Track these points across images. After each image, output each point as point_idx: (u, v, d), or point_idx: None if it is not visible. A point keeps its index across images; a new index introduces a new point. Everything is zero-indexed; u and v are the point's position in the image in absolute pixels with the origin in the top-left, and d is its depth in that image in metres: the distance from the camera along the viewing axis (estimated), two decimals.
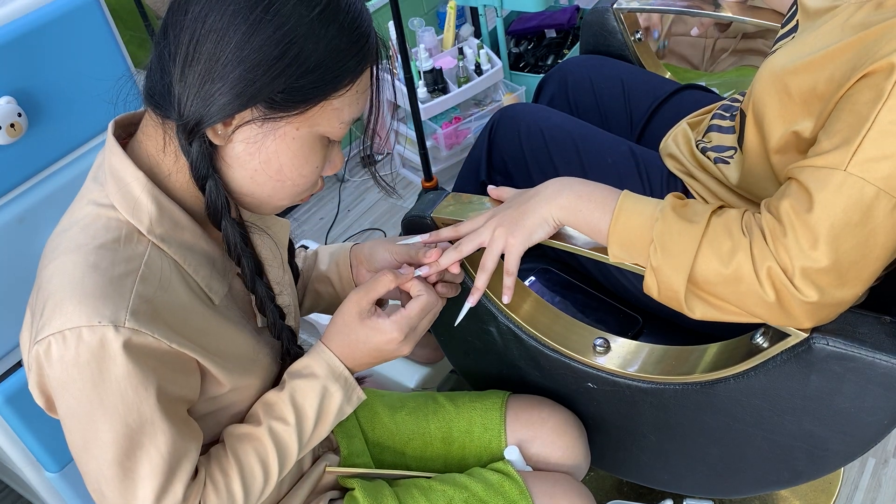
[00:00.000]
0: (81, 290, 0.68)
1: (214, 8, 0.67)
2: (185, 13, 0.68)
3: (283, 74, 0.68)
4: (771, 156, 0.92)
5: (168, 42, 0.69)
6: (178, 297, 0.74)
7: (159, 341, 0.70)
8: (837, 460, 0.92)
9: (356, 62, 0.72)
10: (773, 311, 0.78)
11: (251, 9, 0.67)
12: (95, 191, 0.75)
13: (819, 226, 0.74)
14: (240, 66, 0.67)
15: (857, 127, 0.74)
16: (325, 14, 0.69)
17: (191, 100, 0.69)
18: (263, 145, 0.72)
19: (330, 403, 0.85)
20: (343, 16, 0.70)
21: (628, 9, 1.45)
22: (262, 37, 0.67)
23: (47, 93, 1.14)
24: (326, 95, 0.72)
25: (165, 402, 0.72)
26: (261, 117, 0.71)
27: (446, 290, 0.93)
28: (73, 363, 0.67)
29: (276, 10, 0.67)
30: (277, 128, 0.72)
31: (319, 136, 0.75)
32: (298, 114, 0.71)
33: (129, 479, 0.72)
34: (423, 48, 2.18)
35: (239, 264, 0.79)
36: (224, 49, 0.67)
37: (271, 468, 0.82)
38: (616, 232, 0.85)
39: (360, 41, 0.72)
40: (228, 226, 0.76)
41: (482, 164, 1.33)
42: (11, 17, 1.10)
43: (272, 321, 0.84)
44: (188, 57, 0.68)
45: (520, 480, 0.97)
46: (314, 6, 0.69)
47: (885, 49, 0.74)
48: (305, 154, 0.75)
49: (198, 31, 0.67)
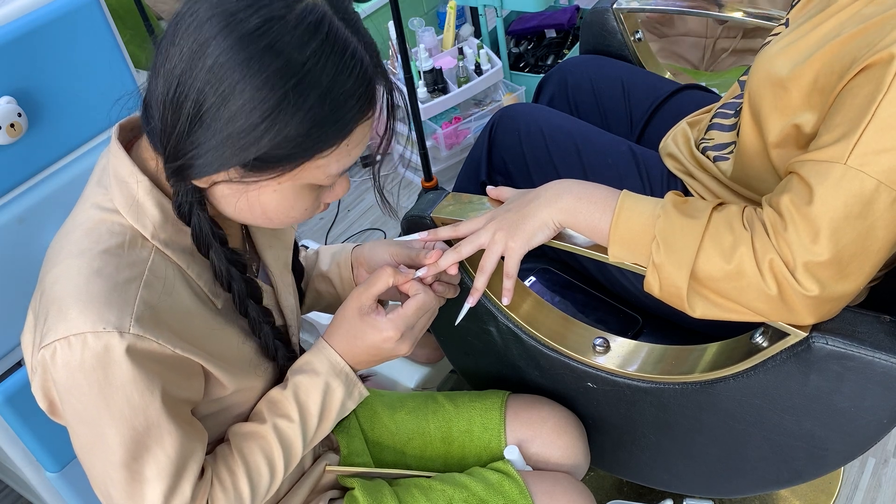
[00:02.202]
0: (86, 295, 0.68)
1: (189, 69, 0.65)
2: (167, 61, 0.66)
3: (256, 145, 0.66)
4: (770, 150, 0.92)
5: (155, 87, 0.68)
6: (181, 301, 0.74)
7: (163, 347, 0.70)
8: (837, 460, 0.92)
9: (342, 125, 0.68)
10: (775, 306, 0.79)
11: (221, 79, 0.64)
12: (100, 195, 0.75)
13: (819, 219, 0.74)
14: (212, 133, 0.65)
15: (857, 120, 0.74)
16: (302, 87, 0.64)
17: (170, 150, 0.68)
18: (246, 194, 0.71)
19: (332, 400, 0.86)
20: (327, 81, 0.65)
21: (628, 9, 1.45)
22: (233, 107, 0.64)
23: (47, 93, 1.14)
24: (307, 159, 0.69)
25: (171, 404, 0.72)
26: (238, 177, 0.69)
27: (444, 290, 0.93)
28: (78, 368, 0.68)
29: (248, 80, 0.64)
30: (257, 185, 0.70)
31: (306, 185, 0.72)
32: (277, 176, 0.69)
33: (137, 482, 0.72)
34: (423, 48, 2.18)
35: (229, 290, 0.78)
36: (196, 113, 0.65)
37: (277, 465, 0.82)
38: (617, 231, 0.85)
39: (349, 103, 0.67)
40: (215, 257, 0.76)
41: (482, 164, 1.33)
42: (11, 17, 1.10)
43: (265, 344, 0.83)
44: (166, 114, 0.67)
45: (520, 480, 0.97)
46: (289, 77, 0.64)
47: (885, 40, 0.74)
48: (290, 202, 0.73)
49: (174, 90, 0.66)
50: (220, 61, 0.64)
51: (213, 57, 0.64)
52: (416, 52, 2.18)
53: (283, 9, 0.65)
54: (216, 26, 0.64)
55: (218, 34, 0.64)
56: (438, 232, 0.96)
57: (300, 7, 0.65)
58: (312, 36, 0.65)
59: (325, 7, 0.67)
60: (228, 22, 0.64)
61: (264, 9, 0.64)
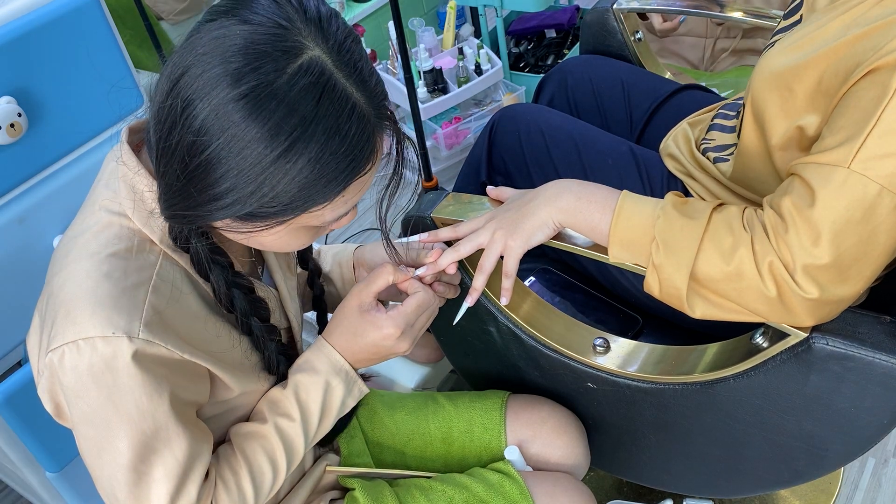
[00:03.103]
0: (95, 299, 0.68)
1: (183, 122, 0.63)
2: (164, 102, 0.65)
3: (243, 204, 0.65)
4: (773, 152, 0.92)
5: (150, 127, 0.68)
6: (189, 306, 0.74)
7: (172, 351, 0.70)
8: (837, 460, 0.92)
9: (336, 184, 0.66)
10: (774, 308, 0.78)
11: (210, 140, 0.62)
12: (108, 197, 0.74)
13: (821, 222, 0.74)
14: (202, 193, 0.65)
15: (861, 124, 0.74)
16: (294, 149, 0.62)
17: (161, 195, 0.68)
18: (242, 232, 0.71)
19: (333, 398, 0.86)
20: (321, 142, 0.63)
21: (628, 9, 1.45)
22: (223, 168, 0.63)
23: (47, 93, 1.14)
24: (300, 213, 0.68)
25: (178, 407, 0.73)
26: (229, 226, 0.69)
27: (444, 290, 0.93)
28: (87, 372, 0.68)
29: (237, 142, 0.62)
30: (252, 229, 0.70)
31: (302, 227, 0.72)
32: (270, 226, 0.69)
33: (144, 483, 0.72)
34: (423, 48, 2.18)
35: (230, 310, 0.78)
36: (185, 170, 0.64)
37: (279, 465, 0.83)
38: (617, 232, 0.85)
39: (343, 163, 0.65)
40: (215, 281, 0.76)
41: (482, 165, 1.33)
42: (11, 17, 1.10)
43: (267, 358, 0.83)
44: (160, 160, 0.66)
45: (520, 480, 0.97)
46: (282, 139, 0.62)
47: (891, 44, 0.74)
48: (287, 241, 0.73)
49: (165, 143, 0.65)
50: (210, 120, 0.62)
51: (202, 116, 0.62)
52: (416, 52, 2.18)
53: (278, 69, 0.61)
54: (209, 85, 0.61)
55: (211, 92, 0.61)
56: (438, 233, 0.96)
57: (297, 65, 0.62)
58: (307, 95, 0.62)
59: (324, 63, 0.63)
60: (222, 81, 0.61)
61: (261, 68, 0.61)
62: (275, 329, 0.83)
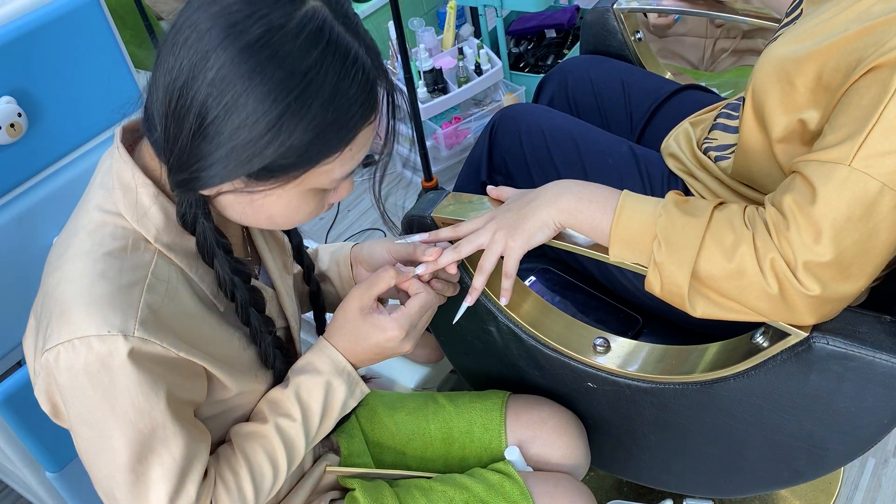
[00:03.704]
0: (90, 298, 0.68)
1: (191, 82, 0.64)
2: (168, 73, 0.66)
3: (260, 156, 0.66)
4: (774, 146, 0.91)
5: (154, 100, 0.68)
6: (185, 304, 0.74)
7: (167, 350, 0.70)
8: (837, 460, 0.92)
9: (346, 132, 0.68)
10: (776, 305, 0.78)
11: (223, 91, 0.63)
12: (102, 197, 0.74)
13: (822, 220, 0.74)
14: (215, 145, 0.65)
15: (862, 122, 0.74)
16: (305, 96, 0.64)
17: (174, 162, 0.68)
18: (251, 201, 0.72)
19: (334, 398, 0.86)
20: (330, 89, 0.65)
21: (628, 9, 1.45)
22: (237, 120, 0.64)
23: (47, 93, 1.14)
24: (312, 167, 0.69)
25: (175, 406, 0.72)
26: (242, 187, 0.69)
27: (443, 288, 0.93)
28: (83, 372, 0.68)
29: (249, 93, 0.63)
30: (262, 193, 0.70)
31: (311, 189, 0.73)
32: (281, 185, 0.70)
33: (142, 483, 0.72)
34: (423, 48, 2.18)
35: (232, 299, 0.78)
36: (199, 126, 0.65)
37: (280, 465, 0.82)
38: (618, 231, 0.85)
39: (352, 109, 0.67)
40: (219, 266, 0.76)
41: (483, 164, 1.33)
42: (11, 17, 1.10)
43: (264, 352, 0.83)
44: (168, 126, 0.67)
45: (520, 481, 0.97)
46: (293, 87, 0.64)
47: (893, 42, 0.74)
48: (296, 207, 0.73)
49: (175, 103, 0.65)
50: (222, 73, 0.63)
51: (214, 69, 0.63)
52: (416, 52, 2.18)
53: (283, 17, 0.64)
54: (217, 37, 0.63)
55: (219, 45, 0.63)
56: (439, 233, 0.96)
57: (300, 14, 0.64)
58: (314, 44, 0.64)
59: (325, 13, 0.66)
60: (229, 33, 0.63)
61: (265, 18, 0.63)
62: (271, 321, 0.83)
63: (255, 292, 0.80)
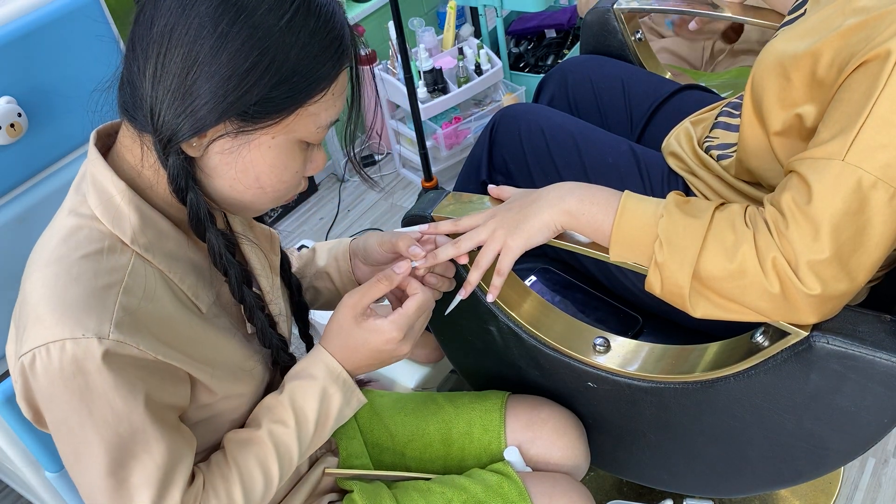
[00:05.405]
0: (64, 302, 0.67)
1: (180, 21, 0.66)
2: (151, 26, 0.67)
3: (256, 87, 0.67)
4: (772, 139, 0.92)
5: (136, 56, 0.69)
6: (163, 307, 0.73)
7: (144, 352, 0.69)
8: (837, 459, 0.92)
9: (331, 66, 0.71)
10: (777, 305, 0.78)
11: (217, 22, 0.66)
12: (77, 201, 0.74)
13: (820, 216, 0.74)
14: (209, 80, 0.66)
15: (854, 116, 0.74)
16: (295, 21, 0.68)
17: (163, 115, 0.68)
18: (240, 155, 0.72)
19: (330, 406, 0.85)
20: (314, 20, 0.69)
21: (628, 9, 1.45)
22: (231, 50, 0.66)
23: (47, 93, 1.14)
24: (302, 103, 0.71)
25: (155, 410, 0.71)
26: (234, 130, 0.70)
27: (438, 283, 0.93)
28: (58, 376, 0.67)
29: (243, 21, 0.66)
30: (252, 139, 0.71)
31: (297, 141, 0.74)
32: (273, 124, 0.71)
33: (124, 489, 0.71)
34: (423, 48, 2.18)
35: (225, 274, 0.78)
36: (192, 64, 0.66)
37: (272, 472, 0.81)
38: (619, 232, 0.85)
39: (334, 44, 0.71)
40: (213, 237, 0.75)
41: (483, 164, 1.33)
42: (11, 17, 1.10)
43: (261, 329, 0.83)
44: (157, 73, 0.67)
45: (519, 481, 0.97)
46: (282, 14, 0.67)
47: (883, 35, 0.74)
48: (284, 161, 0.74)
49: (164, 46, 0.66)
50: (209, 12, 0.65)
51: (200, 13, 0.66)
52: (416, 52, 2.18)
53: None
54: None
55: None
56: (439, 226, 0.96)
57: None
58: None
59: None
60: None
61: None
62: (262, 298, 0.82)
63: (243, 268, 0.80)
